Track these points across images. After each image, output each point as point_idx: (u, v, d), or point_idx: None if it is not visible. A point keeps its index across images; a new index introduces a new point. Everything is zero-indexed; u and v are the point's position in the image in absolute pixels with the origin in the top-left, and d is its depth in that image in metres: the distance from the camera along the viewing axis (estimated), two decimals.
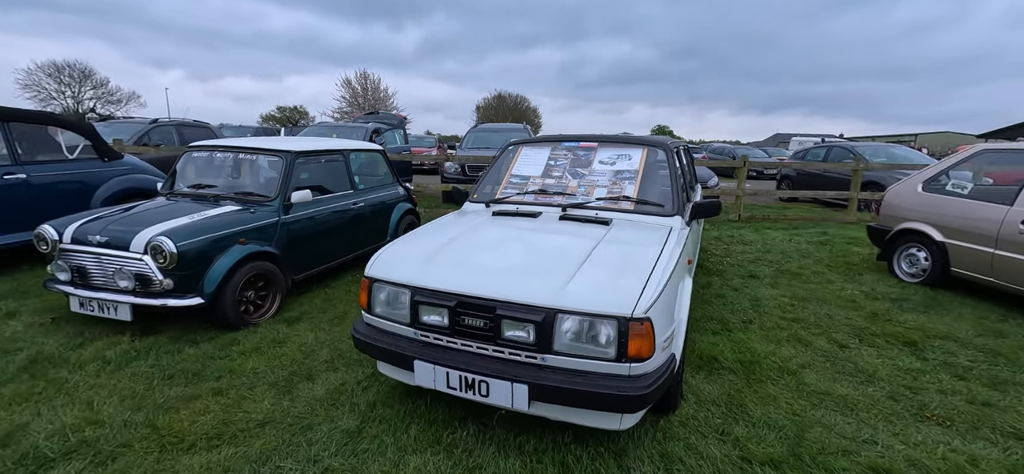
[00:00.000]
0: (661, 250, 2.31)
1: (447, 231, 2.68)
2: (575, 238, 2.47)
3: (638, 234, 2.56)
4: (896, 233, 4.69)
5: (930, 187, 4.47)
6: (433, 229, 2.79)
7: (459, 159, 7.93)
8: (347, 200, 4.39)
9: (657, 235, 2.54)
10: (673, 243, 2.44)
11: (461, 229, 2.67)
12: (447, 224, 2.88)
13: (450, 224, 2.87)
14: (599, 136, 3.52)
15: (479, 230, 2.65)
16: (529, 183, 3.29)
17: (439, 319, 2.10)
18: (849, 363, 2.99)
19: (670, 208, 2.85)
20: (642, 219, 2.79)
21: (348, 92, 39.38)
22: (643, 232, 2.60)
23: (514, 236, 2.55)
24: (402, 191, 5.41)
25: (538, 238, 2.51)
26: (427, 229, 2.81)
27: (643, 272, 2.05)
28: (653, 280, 1.99)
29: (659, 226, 2.71)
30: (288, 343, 3.16)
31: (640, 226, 2.70)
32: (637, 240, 2.47)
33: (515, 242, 2.44)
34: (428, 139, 20.60)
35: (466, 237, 2.53)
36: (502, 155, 3.64)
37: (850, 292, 4.37)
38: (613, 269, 2.09)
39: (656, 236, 2.52)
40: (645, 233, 2.58)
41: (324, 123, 10.44)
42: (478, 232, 2.62)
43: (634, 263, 2.15)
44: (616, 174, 3.14)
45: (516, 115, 49.36)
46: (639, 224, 2.73)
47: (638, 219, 2.80)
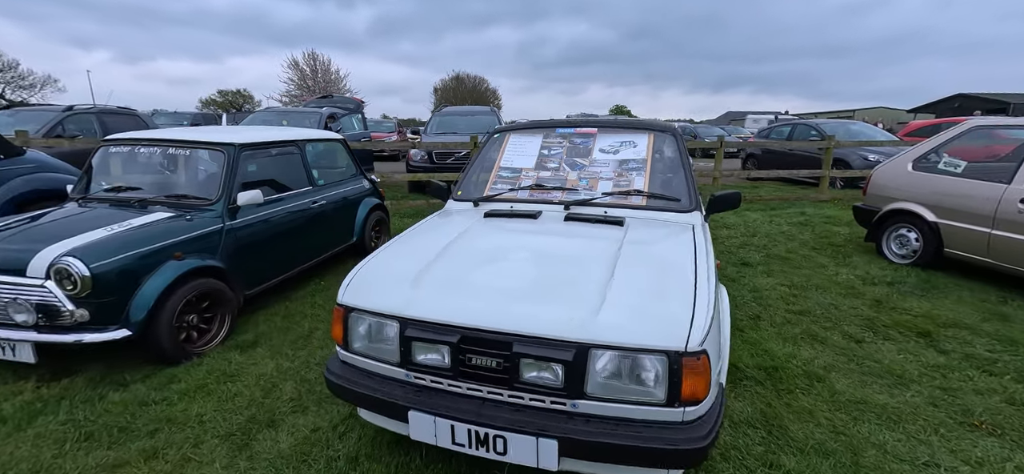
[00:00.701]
0: (695, 257, 1.97)
1: (434, 239, 2.23)
2: (590, 243, 2.09)
3: (661, 237, 2.21)
4: (885, 214, 4.60)
5: (921, 166, 4.38)
6: (417, 237, 2.33)
7: (425, 146, 7.36)
8: (305, 198, 3.82)
9: (682, 237, 2.19)
10: (703, 246, 2.11)
11: (450, 236, 2.23)
12: (432, 229, 2.43)
13: (436, 229, 2.43)
14: (598, 120, 3.13)
15: (473, 237, 2.22)
16: (522, 177, 2.87)
17: (439, 358, 1.67)
18: (872, 361, 2.78)
19: (688, 202, 2.51)
20: (658, 217, 2.44)
21: (296, 74, 37.13)
22: (665, 234, 2.25)
23: (516, 244, 2.14)
24: (367, 184, 4.85)
25: (546, 245, 2.11)
26: (410, 237, 2.34)
27: (685, 289, 1.70)
28: (701, 300, 1.63)
29: (680, 225, 2.36)
30: (242, 376, 2.64)
31: (659, 226, 2.35)
32: (663, 245, 2.11)
33: (520, 252, 2.02)
34: (387, 123, 19.60)
35: (459, 247, 2.10)
36: (486, 144, 3.19)
37: (845, 277, 4.24)
38: (648, 286, 1.72)
39: (682, 239, 2.17)
40: (668, 235, 2.23)
41: (272, 108, 9.53)
42: (472, 240, 2.18)
43: (671, 277, 1.79)
44: (621, 164, 2.77)
45: (476, 97, 48.37)
46: (657, 223, 2.38)
47: (654, 217, 2.44)
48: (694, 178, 2.66)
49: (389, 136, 17.21)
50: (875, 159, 8.90)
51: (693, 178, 2.64)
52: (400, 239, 2.30)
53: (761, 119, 27.57)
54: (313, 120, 8.37)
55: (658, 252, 2.03)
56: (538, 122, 3.22)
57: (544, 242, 2.14)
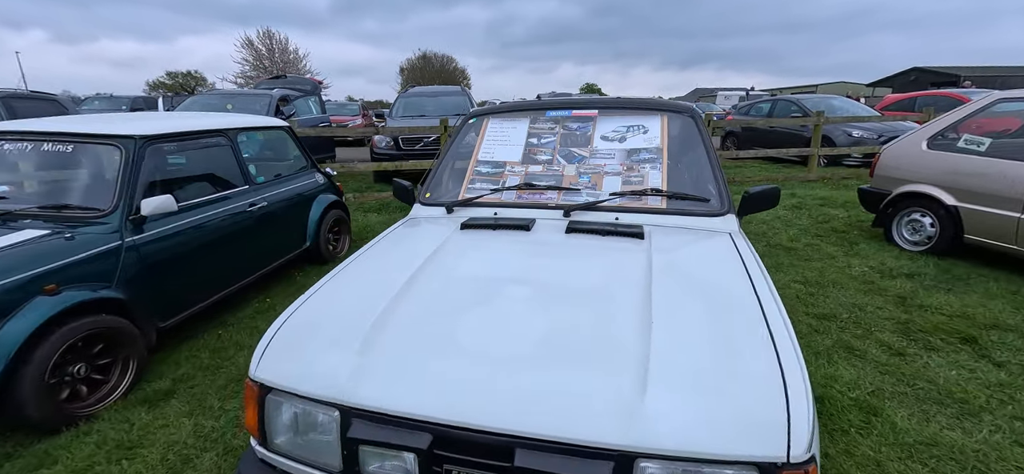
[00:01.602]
0: (751, 282, 1.45)
1: (393, 267, 1.64)
2: (607, 268, 1.54)
3: (697, 253, 1.68)
4: (896, 197, 4.24)
5: (937, 144, 4.01)
6: (369, 265, 1.72)
7: (390, 131, 6.63)
8: (239, 200, 3.12)
9: (723, 252, 1.67)
10: (755, 264, 1.59)
11: (415, 262, 1.64)
12: (391, 251, 1.83)
13: (396, 250, 1.83)
14: (597, 99, 2.56)
15: (447, 263, 1.63)
16: (506, 173, 2.28)
17: (402, 468, 1.10)
18: (924, 382, 2.36)
19: (719, 203, 1.98)
20: (685, 223, 1.91)
21: (251, 55, 34.96)
22: (701, 248, 1.72)
23: (508, 272, 1.56)
24: (321, 179, 4.16)
25: (548, 273, 1.54)
26: (360, 265, 1.72)
27: (758, 339, 1.17)
28: (788, 358, 1.11)
29: (714, 234, 1.84)
30: (146, 446, 2.00)
31: (688, 236, 1.82)
32: (703, 265, 1.58)
33: (514, 288, 1.45)
34: (350, 106, 18.44)
35: (428, 281, 1.51)
36: (460, 132, 2.58)
37: (858, 269, 3.86)
38: (705, 337, 1.19)
39: (723, 254, 1.65)
40: (705, 250, 1.70)
41: (215, 91, 8.53)
42: (446, 268, 1.60)
43: (732, 319, 1.26)
44: (629, 155, 2.21)
45: (444, 77, 46.95)
46: (685, 233, 1.85)
47: (679, 224, 1.91)
48: (723, 171, 2.13)
49: (353, 120, 16.18)
50: (859, 135, 8.68)
51: (722, 172, 2.11)
52: (346, 270, 1.68)
53: (732, 95, 27.59)
54: (262, 104, 7.49)
55: (701, 277, 1.50)
56: (523, 103, 2.63)
57: (545, 268, 1.57)
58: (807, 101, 10.34)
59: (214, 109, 7.51)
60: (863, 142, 8.57)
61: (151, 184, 2.56)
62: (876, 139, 8.50)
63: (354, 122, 15.83)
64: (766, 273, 1.56)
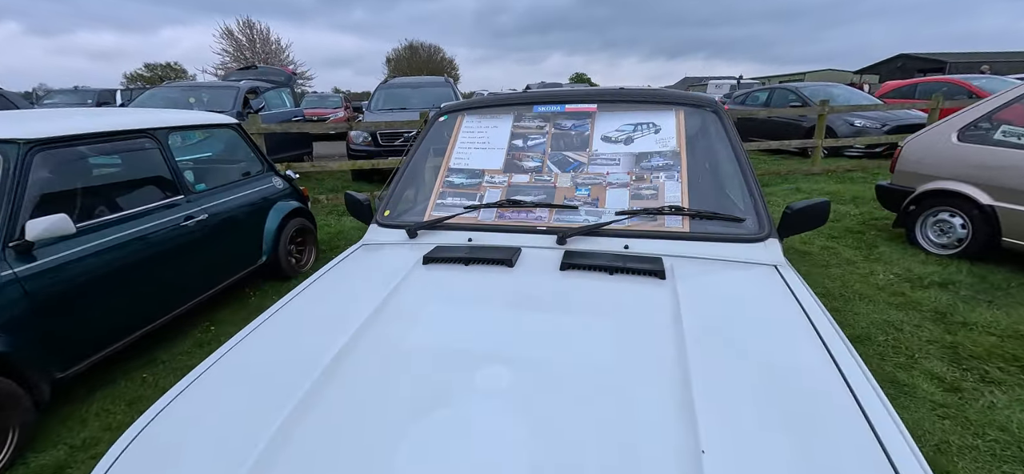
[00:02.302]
0: (823, 344, 1.02)
1: (318, 328, 1.18)
2: (619, 330, 1.09)
3: (740, 303, 1.23)
4: (921, 195, 3.84)
5: (970, 136, 3.61)
6: (285, 329, 1.23)
7: (367, 126, 6.11)
8: (172, 214, 2.62)
9: (776, 299, 1.23)
10: (819, 313, 1.16)
11: (352, 321, 1.17)
12: (322, 300, 1.35)
13: (329, 298, 1.36)
14: (596, 90, 2.09)
15: (395, 326, 1.16)
16: (484, 185, 1.82)
17: None
18: (996, 429, 1.96)
19: (757, 224, 1.54)
20: (715, 253, 1.46)
21: (231, 45, 33.86)
22: (743, 295, 1.27)
23: (478, 337, 1.10)
24: (280, 183, 3.65)
25: (536, 339, 1.08)
26: (269, 331, 1.23)
27: (859, 450, 0.74)
28: None
29: (754, 268, 1.40)
30: None
31: (723, 274, 1.37)
32: (754, 325, 1.13)
33: (488, 371, 0.98)
34: (332, 98, 17.71)
35: (364, 360, 1.04)
36: (429, 131, 2.11)
37: (884, 277, 3.46)
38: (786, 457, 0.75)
39: (777, 302, 1.21)
40: (750, 298, 1.25)
41: (176, 84, 7.91)
42: (393, 334, 1.13)
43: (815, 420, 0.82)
44: (638, 161, 1.76)
45: (431, 67, 46.10)
46: (717, 267, 1.40)
47: (708, 253, 1.46)
48: (759, 181, 1.69)
49: (334, 112, 15.53)
50: (862, 125, 8.33)
51: (758, 182, 1.67)
52: (248, 339, 1.20)
53: (723, 84, 27.26)
54: (228, 97, 6.91)
55: (756, 345, 1.05)
56: (504, 96, 2.15)
57: (533, 332, 1.11)
58: (806, 89, 9.97)
59: (176, 103, 6.92)
60: (866, 132, 8.22)
61: (43, 200, 2.05)
62: (879, 128, 8.16)
63: (335, 115, 15.19)
64: (835, 325, 1.13)
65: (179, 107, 6.79)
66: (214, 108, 6.82)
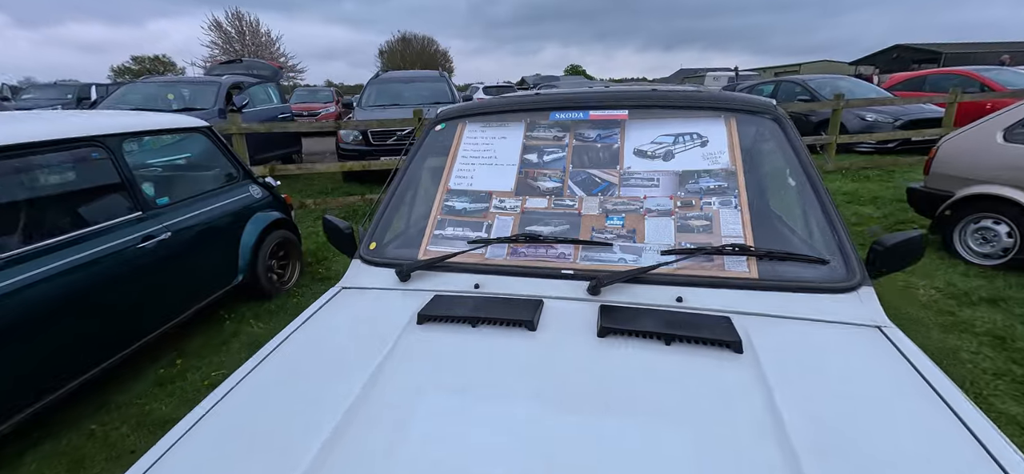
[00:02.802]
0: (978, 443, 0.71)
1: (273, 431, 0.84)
2: (697, 448, 0.76)
3: (855, 398, 0.89)
4: (960, 200, 3.53)
5: (1018, 136, 3.29)
6: (223, 431, 0.89)
7: (358, 124, 5.73)
8: (125, 234, 2.26)
9: (900, 383, 0.91)
10: (957, 395, 0.85)
11: (322, 421, 0.83)
12: (283, 382, 1.01)
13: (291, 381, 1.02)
14: (627, 92, 1.74)
15: (377, 431, 0.82)
16: (492, 210, 1.48)
17: None
18: None
19: (843, 265, 1.20)
20: (796, 309, 1.12)
21: (220, 37, 33.13)
22: (857, 382, 0.94)
23: (495, 451, 0.77)
24: (258, 192, 3.29)
25: (573, 457, 0.75)
26: (205, 434, 0.89)
27: None
28: None
29: (853, 329, 1.07)
30: None
31: (815, 342, 1.04)
32: (885, 435, 0.80)
33: None
34: (323, 92, 17.18)
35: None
36: (424, 141, 1.76)
37: (927, 293, 3.16)
38: None
39: (901, 386, 0.90)
40: (866, 384, 0.92)
41: (154, 79, 7.47)
42: (374, 444, 0.79)
43: None
44: (683, 182, 1.42)
45: (425, 59, 45.49)
46: (807, 334, 1.06)
47: (788, 311, 1.12)
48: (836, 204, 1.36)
49: (325, 107, 15.07)
50: (874, 119, 8.03)
51: (837, 209, 1.34)
52: (173, 453, 0.86)
53: (721, 76, 26.88)
54: (209, 93, 6.50)
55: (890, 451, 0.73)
56: (515, 99, 1.80)
57: (571, 446, 0.78)
58: (812, 82, 9.64)
59: (153, 100, 6.51)
60: (878, 127, 7.93)
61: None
62: (892, 123, 7.86)
63: (326, 110, 14.74)
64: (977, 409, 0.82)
65: (157, 104, 6.38)
66: (195, 105, 6.42)
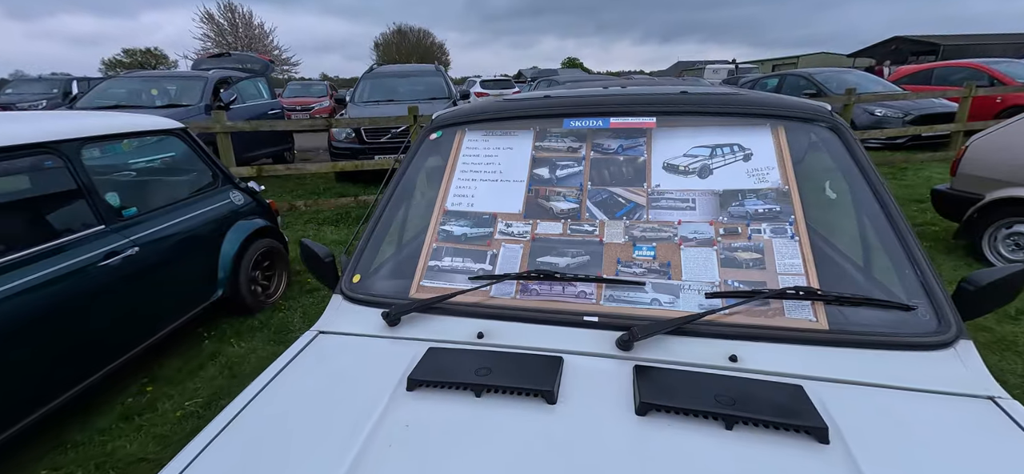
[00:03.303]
0: None
1: None
2: None
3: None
4: (990, 204, 3.32)
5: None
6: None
7: (350, 122, 5.47)
8: (87, 251, 2.02)
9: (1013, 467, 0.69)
10: None
11: None
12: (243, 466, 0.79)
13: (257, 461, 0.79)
14: (655, 94, 1.50)
15: None
16: (497, 237, 1.25)
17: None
18: None
19: (932, 313, 0.98)
20: (878, 372, 0.90)
21: (212, 29, 32.60)
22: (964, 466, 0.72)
23: None
24: (240, 198, 3.05)
25: None
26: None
27: None
28: None
29: (958, 402, 0.85)
30: None
31: (916, 422, 0.81)
32: None
33: None
34: (316, 86, 16.81)
35: None
36: (418, 150, 1.53)
37: None
38: None
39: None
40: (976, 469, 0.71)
41: (137, 74, 7.16)
42: None
43: None
44: (724, 203, 1.19)
45: (421, 52, 45.01)
46: (904, 411, 0.83)
47: (870, 375, 0.90)
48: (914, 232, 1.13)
49: (319, 101, 14.76)
50: (882, 114, 7.81)
51: (914, 234, 1.11)
52: None
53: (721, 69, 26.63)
54: (195, 88, 6.21)
55: None
56: (522, 103, 1.56)
57: None
58: (819, 76, 9.41)
59: (136, 96, 6.22)
60: (887, 122, 7.71)
61: None
62: (901, 118, 7.65)
63: (320, 105, 14.43)
64: None
65: (140, 100, 6.11)
66: (181, 101, 6.14)
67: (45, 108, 10.58)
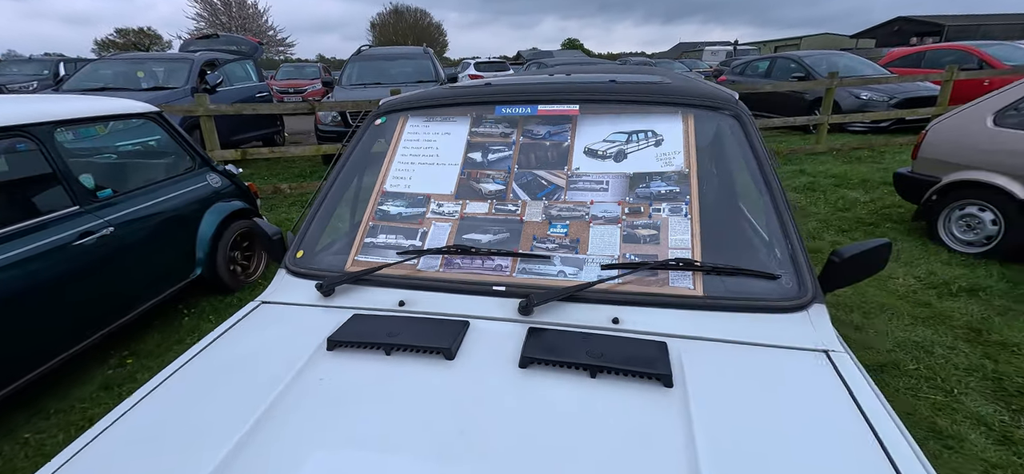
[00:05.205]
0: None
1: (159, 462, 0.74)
2: None
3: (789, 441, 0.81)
4: (947, 186, 3.43)
5: (1010, 120, 3.18)
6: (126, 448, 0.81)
7: (335, 105, 5.54)
8: (62, 231, 2.13)
9: (835, 421, 0.82)
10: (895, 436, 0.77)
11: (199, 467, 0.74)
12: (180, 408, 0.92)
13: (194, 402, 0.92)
14: (579, 84, 1.60)
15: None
16: (429, 216, 1.37)
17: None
18: None
19: (795, 281, 1.10)
20: (740, 331, 1.03)
21: (206, 9, 32.23)
22: (785, 417, 0.84)
23: None
24: (217, 181, 3.15)
25: None
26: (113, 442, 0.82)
27: None
28: None
29: (797, 355, 0.97)
30: None
31: (753, 372, 0.94)
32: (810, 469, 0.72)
33: None
34: (309, 68, 16.72)
35: None
36: (362, 137, 1.64)
37: (905, 282, 3.08)
38: None
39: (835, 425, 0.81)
40: (794, 420, 0.83)
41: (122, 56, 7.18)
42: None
43: None
44: (633, 185, 1.31)
45: (417, 33, 44.52)
46: (746, 362, 0.96)
47: (732, 334, 1.02)
48: (794, 212, 1.25)
49: (312, 84, 14.72)
50: (868, 97, 7.87)
51: (794, 217, 1.23)
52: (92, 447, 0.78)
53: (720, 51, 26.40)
54: (181, 71, 6.25)
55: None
56: (461, 91, 1.66)
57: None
58: (808, 59, 9.42)
59: (123, 77, 6.26)
60: (872, 105, 7.77)
61: None
62: (887, 102, 7.71)
63: (313, 87, 14.39)
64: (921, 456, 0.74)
65: (126, 82, 6.15)
66: (167, 83, 6.19)
67: (35, 90, 10.56)
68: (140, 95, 5.37)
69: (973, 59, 9.00)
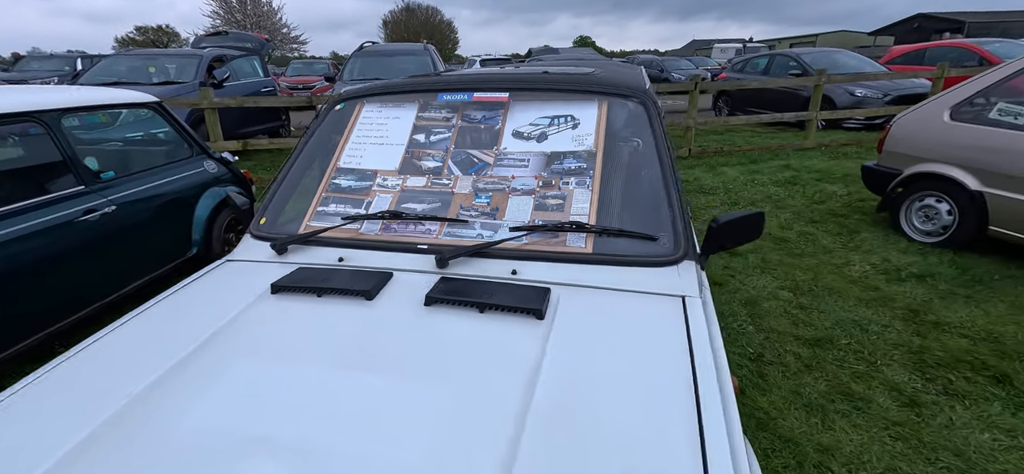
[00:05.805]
0: (697, 405, 0.83)
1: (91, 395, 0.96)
2: (455, 404, 0.87)
3: (621, 347, 1.01)
4: (907, 178, 3.57)
5: (964, 115, 3.30)
6: (93, 362, 1.04)
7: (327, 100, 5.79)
8: (67, 208, 2.38)
9: (663, 341, 1.02)
10: (709, 361, 0.95)
11: (127, 387, 0.96)
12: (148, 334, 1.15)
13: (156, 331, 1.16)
14: (510, 75, 1.81)
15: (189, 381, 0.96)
16: (374, 188, 1.58)
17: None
18: (950, 454, 1.77)
19: (672, 243, 1.30)
20: (618, 281, 1.23)
21: (222, 7, 32.86)
22: (627, 339, 1.04)
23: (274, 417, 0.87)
24: (214, 167, 3.40)
25: (344, 416, 0.86)
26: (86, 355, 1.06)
27: None
28: None
29: (657, 301, 1.17)
30: None
31: (613, 311, 1.14)
32: (623, 378, 0.92)
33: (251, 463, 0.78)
34: (319, 64, 17.05)
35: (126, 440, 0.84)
36: (323, 121, 1.85)
37: (860, 269, 3.23)
38: None
39: (663, 347, 1.00)
40: (635, 338, 1.03)
41: (133, 52, 7.52)
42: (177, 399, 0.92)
43: None
44: (549, 163, 1.51)
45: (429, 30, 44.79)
46: (613, 304, 1.16)
47: (609, 282, 1.23)
48: (681, 186, 1.44)
49: (320, 80, 15.04)
50: (862, 94, 7.92)
51: (680, 188, 1.42)
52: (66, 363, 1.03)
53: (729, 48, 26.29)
54: (190, 66, 6.56)
55: (612, 411, 0.84)
56: (409, 82, 1.88)
57: (351, 405, 0.89)
58: (807, 56, 9.47)
59: (135, 73, 6.58)
60: (866, 102, 7.82)
61: None
62: (881, 98, 7.76)
63: (321, 83, 14.71)
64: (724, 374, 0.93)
65: (138, 77, 6.47)
66: (178, 78, 6.50)
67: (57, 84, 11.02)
68: (151, 89, 5.67)
69: (974, 57, 9.00)
